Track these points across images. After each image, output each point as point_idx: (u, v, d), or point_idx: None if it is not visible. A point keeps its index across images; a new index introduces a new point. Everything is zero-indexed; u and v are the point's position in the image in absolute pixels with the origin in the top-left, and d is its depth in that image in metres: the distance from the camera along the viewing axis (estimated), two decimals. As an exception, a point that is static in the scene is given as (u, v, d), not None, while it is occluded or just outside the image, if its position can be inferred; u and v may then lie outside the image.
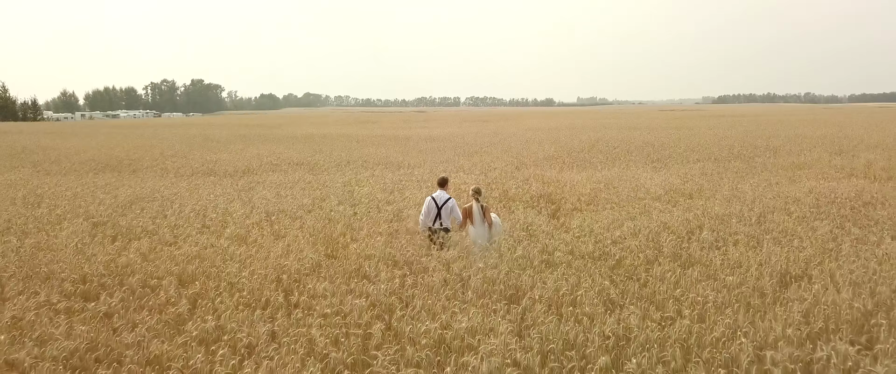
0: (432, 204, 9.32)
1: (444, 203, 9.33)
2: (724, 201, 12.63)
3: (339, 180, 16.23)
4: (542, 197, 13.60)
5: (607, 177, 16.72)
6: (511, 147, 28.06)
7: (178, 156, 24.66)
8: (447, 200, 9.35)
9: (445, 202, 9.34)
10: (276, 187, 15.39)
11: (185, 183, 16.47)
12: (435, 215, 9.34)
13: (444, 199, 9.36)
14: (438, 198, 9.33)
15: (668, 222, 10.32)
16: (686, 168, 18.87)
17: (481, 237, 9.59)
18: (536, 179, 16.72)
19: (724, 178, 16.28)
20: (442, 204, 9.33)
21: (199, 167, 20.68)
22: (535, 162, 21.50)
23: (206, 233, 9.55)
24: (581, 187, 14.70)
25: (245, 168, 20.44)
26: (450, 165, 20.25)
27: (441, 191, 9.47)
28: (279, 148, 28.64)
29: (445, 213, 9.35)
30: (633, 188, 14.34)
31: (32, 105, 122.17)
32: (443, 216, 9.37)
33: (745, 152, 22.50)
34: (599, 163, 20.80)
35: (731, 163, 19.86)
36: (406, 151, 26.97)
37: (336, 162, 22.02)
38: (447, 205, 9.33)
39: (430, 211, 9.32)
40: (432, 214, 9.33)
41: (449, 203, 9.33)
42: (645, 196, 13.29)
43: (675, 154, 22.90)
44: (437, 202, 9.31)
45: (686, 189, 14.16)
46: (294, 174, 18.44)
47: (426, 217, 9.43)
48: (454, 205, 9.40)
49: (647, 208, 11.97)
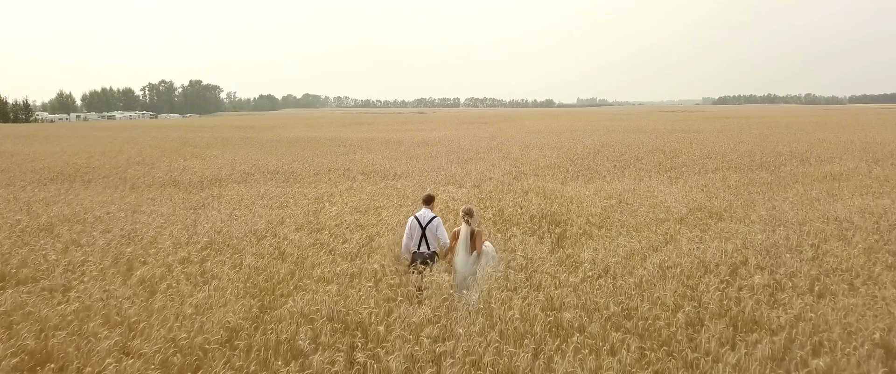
0: (415, 225, 8.17)
1: (428, 223, 8.14)
2: (762, 223, 10.52)
3: (311, 194, 14.12)
4: (544, 217, 11.50)
5: (618, 190, 14.60)
6: (509, 153, 25.94)
7: (145, 163, 22.53)
8: (432, 219, 8.19)
9: (430, 222, 8.16)
10: (235, 203, 13.28)
11: (135, 198, 14.36)
12: (419, 236, 8.14)
13: (428, 218, 8.19)
14: (422, 217, 8.19)
15: (702, 256, 8.20)
16: (705, 179, 16.75)
17: (465, 267, 7.88)
18: (537, 193, 14.62)
19: (754, 192, 14.17)
20: (426, 224, 8.13)
21: (162, 176, 18.57)
22: (536, 170, 19.40)
23: (111, 275, 7.43)
24: (589, 203, 12.60)
25: (212, 178, 18.33)
26: (440, 175, 18.14)
27: (426, 209, 8.34)
28: (259, 154, 26.53)
29: (430, 234, 8.15)
30: (650, 206, 12.23)
31: (24, 106, 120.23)
32: (428, 238, 8.14)
33: (768, 160, 20.36)
34: (607, 172, 18.68)
35: (754, 173, 17.74)
36: (396, 157, 24.85)
37: (316, 170, 19.90)
38: (432, 225, 8.15)
39: (414, 233, 8.17)
40: (416, 236, 8.16)
41: (434, 223, 8.17)
42: (666, 217, 11.18)
43: (690, 162, 20.77)
44: (420, 222, 8.15)
45: (713, 207, 12.04)
46: (263, 186, 16.33)
47: (409, 240, 8.25)
48: (440, 224, 8.23)
49: (672, 235, 9.86)
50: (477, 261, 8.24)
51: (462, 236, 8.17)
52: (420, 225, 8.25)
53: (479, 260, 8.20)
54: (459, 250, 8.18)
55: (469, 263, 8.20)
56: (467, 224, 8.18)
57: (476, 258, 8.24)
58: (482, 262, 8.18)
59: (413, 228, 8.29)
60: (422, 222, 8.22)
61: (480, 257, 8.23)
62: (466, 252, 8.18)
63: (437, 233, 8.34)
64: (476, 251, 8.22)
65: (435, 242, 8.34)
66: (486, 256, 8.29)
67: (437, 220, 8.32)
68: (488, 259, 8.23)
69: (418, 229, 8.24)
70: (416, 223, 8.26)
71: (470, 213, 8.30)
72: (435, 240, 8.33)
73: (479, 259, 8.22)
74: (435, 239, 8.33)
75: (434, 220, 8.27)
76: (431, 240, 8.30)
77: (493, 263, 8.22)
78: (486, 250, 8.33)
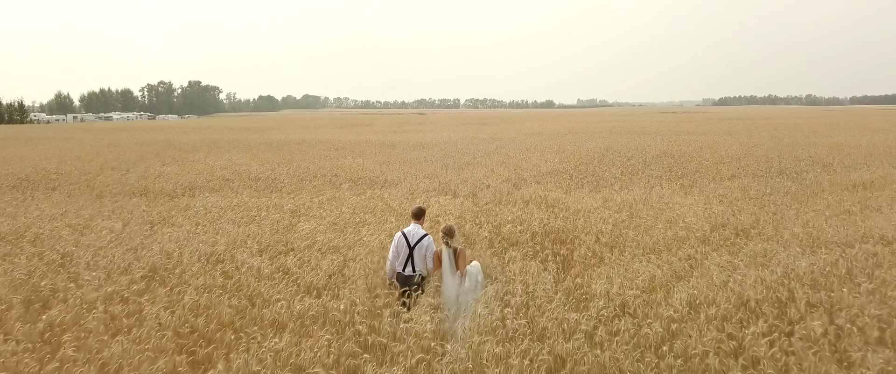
0: (402, 242, 7.12)
1: (417, 241, 7.07)
2: (798, 244, 9.10)
3: (288, 206, 12.71)
4: (547, 235, 10.11)
5: (629, 201, 13.19)
6: (509, 157, 24.53)
7: (120, 168, 21.12)
8: (422, 237, 7.11)
9: (420, 240, 7.09)
10: (201, 216, 11.88)
11: (94, 209, 12.96)
12: (406, 256, 7.10)
13: (418, 236, 7.11)
14: (411, 234, 7.12)
15: (740, 289, 6.79)
16: (721, 187, 15.34)
17: (453, 291, 6.89)
18: (539, 204, 13.22)
19: (779, 203, 12.75)
20: (415, 242, 7.07)
21: (134, 184, 17.15)
22: (537, 177, 17.99)
23: (12, 318, 6.01)
24: (598, 217, 11.19)
25: (187, 186, 16.91)
26: (434, 183, 16.72)
27: (415, 225, 7.29)
28: (244, 158, 25.11)
29: (419, 255, 7.08)
30: (667, 221, 10.83)
31: (19, 107, 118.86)
32: (415, 259, 7.09)
33: (787, 166, 18.93)
34: (614, 179, 17.26)
35: (774, 180, 16.33)
36: (388, 161, 23.43)
37: (300, 177, 18.49)
38: (422, 244, 7.07)
39: (400, 251, 7.13)
40: (402, 255, 7.11)
41: (424, 242, 7.10)
42: (687, 235, 9.77)
43: (702, 168, 19.34)
44: (408, 240, 7.08)
45: (739, 223, 10.63)
46: (239, 195, 14.91)
47: (394, 260, 7.21)
48: (431, 244, 7.14)
49: (696, 259, 8.46)
50: (462, 283, 7.04)
51: (445, 261, 6.98)
52: (408, 243, 7.10)
53: (463, 282, 6.96)
54: (446, 273, 6.96)
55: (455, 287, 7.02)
56: (448, 246, 6.97)
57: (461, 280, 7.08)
58: (465, 285, 6.95)
59: (400, 245, 7.14)
60: (410, 239, 7.08)
61: (464, 278, 7.02)
62: (452, 273, 7.00)
63: (427, 254, 7.12)
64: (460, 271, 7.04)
65: (423, 264, 7.14)
66: (469, 277, 7.04)
67: (429, 240, 7.14)
68: (471, 282, 6.99)
69: (405, 247, 7.09)
70: (403, 240, 7.12)
71: (450, 233, 7.11)
72: (423, 263, 7.12)
73: (462, 280, 6.98)
74: (423, 262, 7.13)
75: (425, 239, 7.11)
76: (419, 262, 7.11)
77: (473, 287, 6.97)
78: (469, 270, 7.09)
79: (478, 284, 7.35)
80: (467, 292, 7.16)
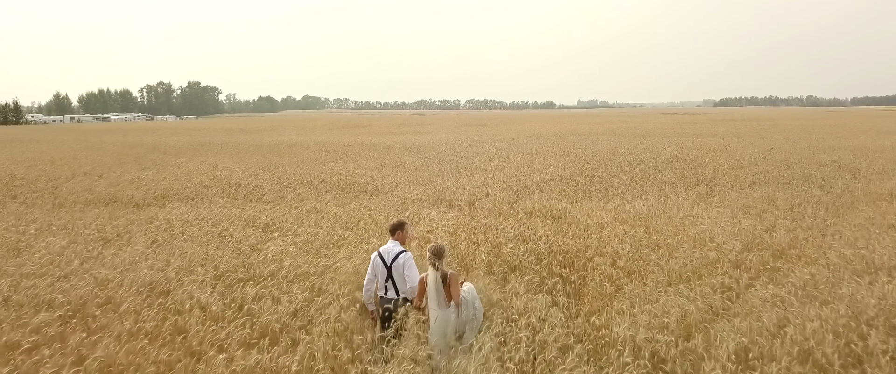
0: (379, 263, 6.25)
1: (393, 259, 6.16)
2: (851, 269, 7.72)
3: (262, 219, 11.33)
4: (555, 256, 8.73)
5: (644, 213, 11.81)
6: (509, 160, 23.14)
7: (93, 174, 19.75)
8: (398, 253, 6.18)
9: (396, 258, 6.16)
10: (163, 231, 10.51)
11: (45, 221, 11.59)
12: (385, 277, 6.20)
13: (393, 252, 6.20)
14: (387, 253, 6.23)
15: (801, 338, 5.42)
16: (744, 196, 13.95)
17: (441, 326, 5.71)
18: (544, 216, 11.86)
19: (813, 215, 11.37)
20: (391, 260, 6.17)
21: (102, 192, 15.78)
22: (540, 184, 16.61)
23: None
24: (611, 234, 9.81)
25: (161, 193, 15.55)
26: (428, 190, 15.34)
27: (392, 242, 6.35)
28: (229, 162, 23.73)
29: (397, 273, 6.15)
30: (691, 239, 9.45)
31: (14, 107, 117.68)
32: (395, 279, 6.15)
33: (811, 172, 17.53)
34: (624, 186, 15.87)
35: (800, 188, 14.93)
36: (381, 166, 22.06)
37: (284, 184, 17.12)
38: (398, 262, 6.15)
39: (378, 272, 6.27)
40: (381, 276, 6.25)
41: (400, 259, 6.16)
42: (718, 257, 8.39)
43: (719, 173, 17.95)
44: (384, 260, 6.21)
45: (775, 242, 9.25)
46: (212, 205, 13.54)
47: (371, 282, 6.34)
48: (408, 261, 6.17)
49: (734, 289, 7.09)
50: (458, 315, 5.80)
51: (431, 285, 5.73)
52: (384, 263, 6.19)
53: (460, 313, 5.78)
54: (432, 303, 5.70)
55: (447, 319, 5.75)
56: (435, 269, 5.73)
57: (456, 313, 5.78)
58: (463, 315, 5.79)
59: (376, 266, 6.27)
60: (386, 258, 6.19)
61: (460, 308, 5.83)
62: (441, 305, 5.71)
63: (405, 272, 6.05)
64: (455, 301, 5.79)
65: (405, 284, 6.06)
66: (465, 305, 5.86)
67: (406, 256, 6.21)
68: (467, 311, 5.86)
69: (382, 267, 6.20)
70: (379, 261, 6.23)
71: (439, 253, 5.86)
72: (404, 281, 6.05)
73: (459, 312, 5.78)
74: (402, 281, 6.05)
75: (401, 256, 6.17)
76: (400, 281, 6.06)
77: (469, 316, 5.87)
78: (465, 297, 5.88)
79: (477, 311, 6.07)
80: (463, 324, 5.90)
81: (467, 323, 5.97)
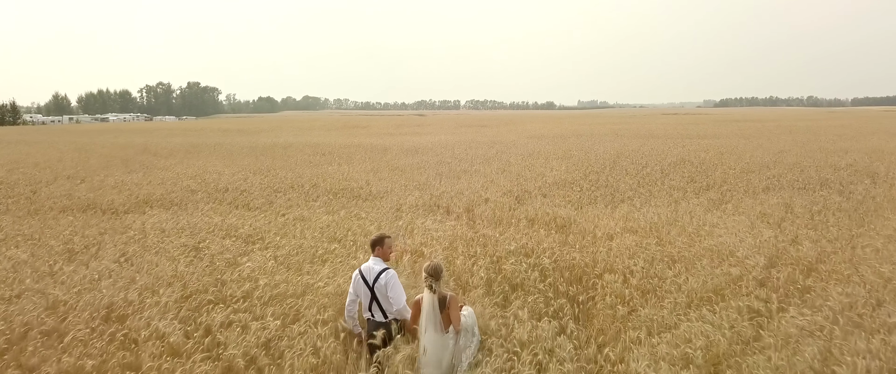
0: (360, 283, 5.61)
1: (376, 279, 5.51)
2: (888, 287, 6.94)
3: (245, 229, 10.54)
4: (561, 272, 7.94)
5: (654, 221, 11.02)
6: (510, 163, 22.35)
7: (77, 177, 18.97)
8: (380, 272, 5.54)
9: (378, 277, 5.51)
10: (138, 241, 9.72)
11: (11, 230, 10.81)
12: (369, 299, 5.54)
13: (375, 271, 5.56)
14: (368, 271, 5.60)
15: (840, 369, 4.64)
16: (759, 202, 13.16)
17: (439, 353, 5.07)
18: (547, 224, 11.08)
19: (839, 225, 10.57)
20: (374, 280, 5.51)
21: (82, 197, 15.00)
22: (543, 188, 15.83)
23: None
24: (621, 246, 9.02)
25: (143, 199, 14.76)
26: (424, 196, 14.55)
27: (374, 259, 5.68)
28: (220, 164, 22.94)
29: (381, 294, 5.49)
30: (709, 252, 8.65)
31: (11, 108, 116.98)
32: (379, 299, 5.49)
33: (827, 176, 16.72)
34: (631, 191, 15.08)
35: (817, 193, 14.14)
36: (377, 169, 21.27)
37: (274, 188, 16.34)
38: (380, 282, 5.50)
39: (360, 293, 5.63)
40: (364, 298, 5.59)
41: (383, 279, 5.50)
42: (741, 273, 7.59)
43: (729, 178, 17.16)
44: (366, 279, 5.57)
45: (801, 255, 8.44)
46: (195, 212, 12.75)
47: (353, 304, 5.73)
48: (391, 280, 5.49)
49: (764, 313, 6.31)
50: (457, 342, 5.24)
51: (426, 309, 5.11)
52: (366, 283, 5.54)
53: (459, 340, 5.20)
54: (427, 326, 5.08)
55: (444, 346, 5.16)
56: (432, 291, 5.11)
57: (454, 339, 5.22)
58: (462, 342, 5.22)
59: (358, 287, 5.63)
60: (368, 277, 5.54)
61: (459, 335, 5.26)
62: (437, 330, 5.11)
63: (389, 293, 5.36)
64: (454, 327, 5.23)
65: (390, 305, 5.44)
66: (465, 332, 5.29)
67: (389, 274, 5.53)
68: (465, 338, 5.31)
69: (364, 288, 5.55)
70: (360, 281, 5.59)
71: (436, 273, 5.22)
72: (389, 302, 5.42)
73: (458, 338, 5.20)
74: (388, 300, 5.42)
75: (383, 274, 5.50)
76: (385, 301, 5.43)
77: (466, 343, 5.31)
78: (465, 322, 5.31)
79: (475, 337, 5.39)
80: (460, 352, 5.20)
81: (463, 351, 5.27)
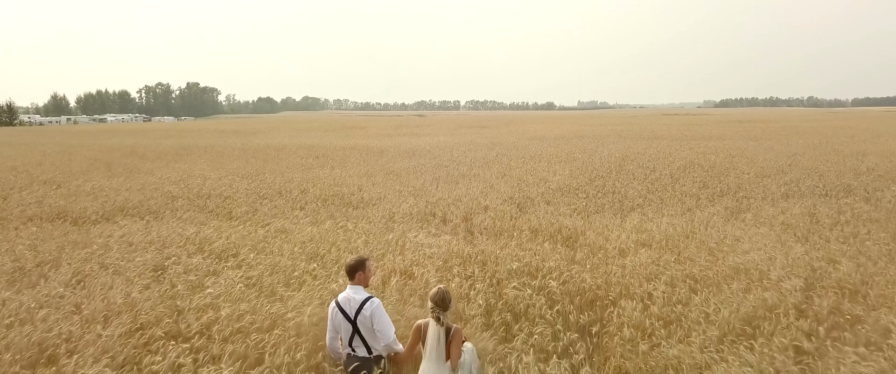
0: (339, 316, 4.75)
1: (357, 311, 4.66)
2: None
3: (219, 243, 9.55)
4: (571, 296, 6.97)
5: (669, 233, 10.05)
6: (511, 166, 21.38)
7: (53, 182, 18.00)
8: (363, 302, 4.68)
9: (361, 308, 4.66)
10: (94, 259, 8.72)
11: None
12: (350, 333, 4.70)
13: (357, 302, 4.71)
14: (348, 302, 4.74)
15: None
16: (780, 211, 12.18)
17: None
18: (553, 237, 10.12)
19: (870, 239, 9.58)
20: (356, 313, 4.67)
21: (53, 205, 14.02)
22: (546, 195, 14.86)
23: None
24: (636, 264, 8.04)
25: (119, 206, 13.79)
26: (419, 203, 13.57)
27: (352, 287, 4.82)
28: (207, 168, 21.95)
29: (365, 327, 4.66)
30: (735, 271, 7.68)
31: (7, 108, 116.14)
32: (363, 333, 4.66)
33: (849, 182, 15.73)
34: (642, 199, 14.10)
35: (842, 201, 13.15)
36: (371, 172, 20.29)
37: (260, 194, 15.37)
38: (364, 314, 4.65)
39: (339, 327, 4.80)
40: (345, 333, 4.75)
41: (367, 310, 4.65)
42: (777, 300, 6.61)
43: (744, 183, 16.17)
44: (346, 312, 4.71)
45: (842, 277, 7.45)
46: (167, 223, 11.76)
47: (334, 340, 4.97)
48: (376, 311, 4.65)
49: (812, 353, 5.33)
50: None
51: (432, 339, 4.43)
52: (346, 316, 4.72)
53: None
54: (431, 354, 4.39)
55: None
56: (439, 323, 4.40)
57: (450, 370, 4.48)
58: None
59: (336, 320, 4.83)
60: (347, 310, 4.72)
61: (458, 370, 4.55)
62: (438, 359, 4.39)
63: (375, 326, 4.72)
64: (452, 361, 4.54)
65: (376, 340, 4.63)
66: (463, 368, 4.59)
67: (374, 304, 4.69)
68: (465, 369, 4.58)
69: (344, 321, 4.73)
70: (339, 314, 4.76)
71: (443, 303, 4.51)
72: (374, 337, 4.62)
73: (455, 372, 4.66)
74: (374, 336, 4.61)
75: (367, 305, 4.67)
76: (369, 336, 4.61)
77: None
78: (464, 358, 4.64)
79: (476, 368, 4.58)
80: None
81: None
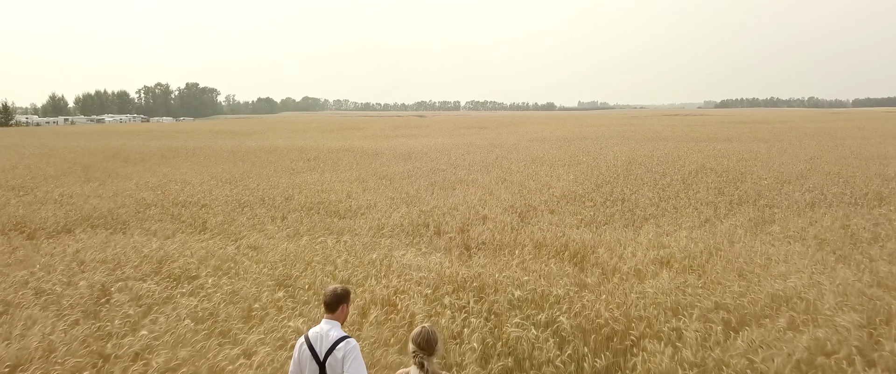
0: (306, 354, 3.79)
1: (330, 350, 3.71)
2: None
3: (180, 262, 8.40)
4: (586, 336, 5.82)
5: (690, 250, 8.89)
6: (511, 170, 20.22)
7: (24, 188, 16.86)
8: (337, 342, 3.72)
9: (333, 348, 3.71)
10: (30, 283, 7.57)
11: None
12: None
13: (330, 340, 3.74)
14: (319, 339, 3.78)
15: None
16: (809, 223, 11.02)
17: None
18: (559, 254, 8.95)
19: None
20: (326, 353, 3.72)
21: (13, 214, 12.87)
22: (549, 202, 13.70)
23: None
24: (657, 290, 6.88)
25: (84, 215, 12.64)
26: (412, 212, 12.41)
27: (327, 321, 3.85)
28: (191, 172, 20.80)
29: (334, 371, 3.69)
30: (775, 300, 6.52)
31: (3, 109, 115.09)
32: None
33: (880, 189, 14.52)
34: (654, 207, 12.93)
35: (878, 211, 11.99)
36: (363, 177, 19.13)
37: (241, 201, 14.22)
38: (336, 355, 3.69)
39: (304, 366, 3.78)
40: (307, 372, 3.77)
41: (340, 351, 3.69)
42: (831, 343, 5.46)
43: (764, 190, 15.01)
44: (315, 350, 3.77)
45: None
46: (130, 236, 10.61)
47: None
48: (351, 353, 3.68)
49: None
50: None
51: None
52: (315, 355, 3.78)
53: None
54: None
55: None
56: (422, 371, 3.57)
57: None
58: None
59: (303, 360, 3.86)
60: (318, 348, 3.78)
61: None
62: None
63: (346, 368, 3.71)
64: None
65: None
66: None
67: (349, 346, 3.75)
68: None
69: (311, 361, 3.78)
70: (306, 349, 3.83)
71: (429, 345, 3.46)
72: None
73: None
74: None
75: (341, 345, 3.73)
76: None
77: None
78: None
79: None
80: None
81: None
